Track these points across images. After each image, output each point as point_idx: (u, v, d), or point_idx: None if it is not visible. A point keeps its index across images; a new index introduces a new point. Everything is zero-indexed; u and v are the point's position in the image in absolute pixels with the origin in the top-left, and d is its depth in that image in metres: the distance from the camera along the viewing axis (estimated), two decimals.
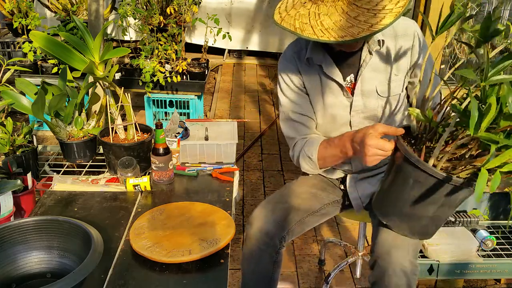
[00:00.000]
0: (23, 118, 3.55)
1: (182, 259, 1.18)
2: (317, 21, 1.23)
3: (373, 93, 1.46)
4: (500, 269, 1.92)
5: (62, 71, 1.62)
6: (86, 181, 1.61)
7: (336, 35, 1.19)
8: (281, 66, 1.54)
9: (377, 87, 1.46)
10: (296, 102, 1.53)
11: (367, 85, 1.46)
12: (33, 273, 1.16)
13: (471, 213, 2.22)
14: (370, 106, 1.48)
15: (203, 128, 1.86)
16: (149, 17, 3.59)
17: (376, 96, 1.46)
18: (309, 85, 1.51)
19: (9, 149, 1.56)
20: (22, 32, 3.48)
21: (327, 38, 1.20)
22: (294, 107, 1.53)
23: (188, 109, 3.50)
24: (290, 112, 1.54)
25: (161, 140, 1.54)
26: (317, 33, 1.21)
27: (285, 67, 1.52)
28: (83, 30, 1.54)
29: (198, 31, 5.00)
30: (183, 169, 1.69)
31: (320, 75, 1.48)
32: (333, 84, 1.47)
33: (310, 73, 1.49)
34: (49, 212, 1.40)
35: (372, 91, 1.46)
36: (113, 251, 1.24)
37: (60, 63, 3.06)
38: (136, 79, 3.30)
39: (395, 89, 1.46)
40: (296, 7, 1.30)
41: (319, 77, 1.49)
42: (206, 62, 3.67)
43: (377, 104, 1.47)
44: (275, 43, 5.32)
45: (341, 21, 1.21)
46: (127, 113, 1.63)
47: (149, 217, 1.36)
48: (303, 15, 1.26)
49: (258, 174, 3.10)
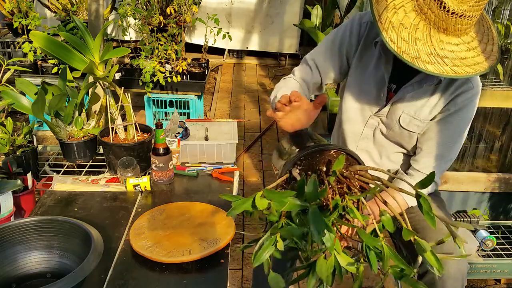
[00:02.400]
0: (23, 118, 3.55)
1: (182, 259, 1.18)
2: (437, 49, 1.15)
3: (398, 114, 1.42)
4: (500, 269, 1.92)
5: (62, 71, 1.62)
6: (86, 181, 1.61)
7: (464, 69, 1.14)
8: (348, 24, 1.43)
9: (404, 112, 1.41)
10: (325, 59, 1.47)
11: (399, 104, 1.41)
12: (33, 273, 1.16)
13: (471, 213, 2.22)
14: (389, 123, 1.44)
15: (203, 128, 1.86)
16: (149, 17, 3.59)
17: (397, 120, 1.43)
18: (359, 62, 1.44)
19: (9, 149, 1.56)
20: (22, 32, 3.48)
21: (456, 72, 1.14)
22: (320, 57, 1.47)
23: (188, 109, 3.50)
24: (314, 57, 1.48)
25: (161, 140, 1.54)
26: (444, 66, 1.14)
27: (352, 26, 1.43)
28: (83, 30, 1.54)
29: (198, 31, 5.01)
30: (183, 169, 1.69)
31: (376, 61, 1.41)
32: (379, 78, 1.42)
33: (368, 51, 1.42)
34: (49, 212, 1.40)
35: (398, 114, 1.42)
36: (113, 251, 1.24)
37: (60, 63, 3.06)
38: (136, 79, 3.30)
39: (414, 126, 1.42)
40: (406, 26, 1.16)
41: (374, 61, 1.42)
42: (206, 62, 3.67)
43: (397, 126, 1.43)
44: (275, 43, 5.32)
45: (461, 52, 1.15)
46: (127, 113, 1.62)
47: (149, 217, 1.36)
48: (424, 42, 1.15)
49: (258, 174, 3.10)
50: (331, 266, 0.84)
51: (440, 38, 1.14)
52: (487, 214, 2.35)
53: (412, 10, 1.16)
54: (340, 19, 3.89)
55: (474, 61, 1.15)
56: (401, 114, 1.41)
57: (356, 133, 1.51)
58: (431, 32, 1.14)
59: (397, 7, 1.17)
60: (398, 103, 1.40)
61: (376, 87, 1.43)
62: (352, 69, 1.46)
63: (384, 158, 1.53)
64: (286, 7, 5.12)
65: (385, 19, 1.16)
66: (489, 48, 1.20)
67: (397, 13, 1.16)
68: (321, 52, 1.47)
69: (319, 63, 1.47)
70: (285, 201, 0.86)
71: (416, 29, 1.15)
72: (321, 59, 1.47)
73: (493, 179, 2.28)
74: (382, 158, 1.53)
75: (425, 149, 1.43)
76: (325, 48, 1.47)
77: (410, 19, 1.15)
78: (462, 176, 2.27)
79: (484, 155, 2.40)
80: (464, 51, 1.15)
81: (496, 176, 2.28)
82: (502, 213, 2.37)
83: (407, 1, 1.17)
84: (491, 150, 2.40)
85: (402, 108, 1.40)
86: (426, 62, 1.12)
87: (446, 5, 1.08)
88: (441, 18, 1.11)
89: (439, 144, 1.41)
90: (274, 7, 5.13)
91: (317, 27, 3.63)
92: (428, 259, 0.83)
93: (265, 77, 5.03)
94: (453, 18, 1.10)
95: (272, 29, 5.23)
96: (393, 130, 1.45)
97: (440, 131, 1.40)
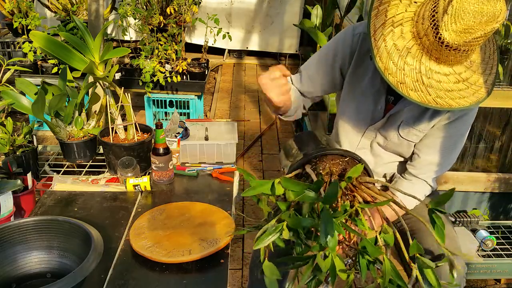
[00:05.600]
0: (23, 118, 3.55)
1: (182, 259, 1.18)
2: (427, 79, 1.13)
3: (396, 125, 1.41)
4: (500, 269, 1.92)
5: (62, 71, 1.62)
6: (86, 181, 1.61)
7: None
8: (341, 36, 1.41)
9: (403, 122, 1.39)
10: (317, 71, 1.45)
11: (398, 115, 1.39)
12: (33, 273, 1.16)
13: (471, 213, 2.22)
14: (388, 134, 1.43)
15: (203, 128, 1.86)
16: (149, 17, 3.59)
17: (395, 131, 1.41)
18: (353, 75, 1.41)
19: (9, 149, 1.56)
20: (22, 32, 3.48)
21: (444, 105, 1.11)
22: (312, 69, 1.46)
23: (188, 109, 3.50)
24: (306, 69, 1.47)
25: (161, 140, 1.54)
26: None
27: (345, 38, 1.40)
28: (83, 30, 1.54)
29: (198, 31, 5.00)
30: (183, 169, 1.69)
31: (372, 74, 1.38)
32: (376, 90, 1.39)
33: (363, 62, 1.39)
34: (49, 212, 1.40)
35: (397, 124, 1.40)
36: (113, 251, 1.24)
37: (60, 63, 3.06)
38: (136, 79, 3.30)
39: (413, 136, 1.41)
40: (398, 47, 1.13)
41: (370, 73, 1.39)
42: (206, 62, 3.67)
43: (396, 137, 1.42)
44: (275, 43, 5.32)
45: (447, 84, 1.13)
46: (127, 113, 1.62)
47: (149, 217, 1.36)
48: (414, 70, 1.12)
49: (258, 174, 3.10)
50: (327, 267, 0.85)
51: (430, 67, 1.11)
52: (487, 214, 2.35)
53: (409, 31, 1.12)
54: (340, 19, 3.89)
55: (459, 95, 1.12)
56: (399, 124, 1.39)
57: (353, 144, 1.50)
58: (422, 58, 1.11)
59: (395, 25, 1.13)
60: (396, 114, 1.39)
61: (373, 100, 1.40)
62: (346, 82, 1.44)
63: (380, 167, 1.52)
64: (286, 7, 5.12)
65: (379, 35, 1.13)
66: (483, 79, 1.16)
67: (393, 32, 1.13)
68: (313, 64, 1.46)
69: (311, 75, 1.46)
70: (301, 191, 0.87)
71: (408, 53, 1.11)
72: (313, 71, 1.46)
73: (493, 179, 2.28)
74: (379, 167, 1.52)
75: (422, 155, 1.42)
76: (317, 60, 1.46)
77: (404, 40, 1.12)
78: (462, 176, 2.27)
79: (484, 155, 2.40)
80: (452, 83, 1.12)
81: (496, 176, 2.28)
82: (502, 213, 2.37)
83: (407, 19, 1.13)
84: (491, 150, 2.40)
85: (400, 118, 1.39)
86: (410, 89, 1.10)
87: (442, 36, 1.05)
88: (435, 47, 1.08)
89: (437, 151, 1.40)
90: (274, 7, 5.13)
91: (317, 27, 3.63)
92: (429, 278, 0.84)
93: None
94: (446, 50, 1.07)
95: (272, 29, 5.23)
96: (392, 140, 1.43)
97: (439, 139, 1.39)
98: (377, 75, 1.36)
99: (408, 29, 1.12)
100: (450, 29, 1.04)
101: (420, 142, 1.43)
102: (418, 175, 1.43)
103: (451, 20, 1.03)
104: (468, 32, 1.04)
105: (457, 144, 1.41)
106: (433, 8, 1.07)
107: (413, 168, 1.45)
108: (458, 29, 1.03)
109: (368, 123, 1.44)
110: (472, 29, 1.03)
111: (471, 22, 1.03)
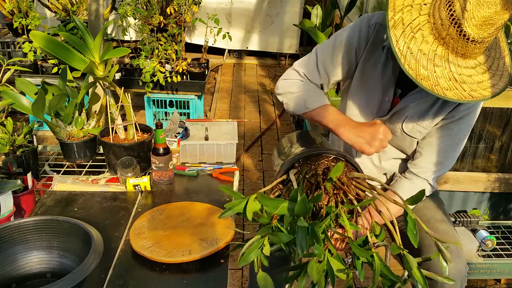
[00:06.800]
0: (23, 118, 3.55)
1: (182, 259, 1.18)
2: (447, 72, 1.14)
3: (401, 120, 1.41)
4: (500, 269, 1.92)
5: (62, 71, 1.62)
6: (86, 181, 1.61)
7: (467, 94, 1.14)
8: (357, 26, 1.39)
9: (408, 117, 1.40)
10: (334, 63, 1.43)
11: (403, 110, 1.40)
12: (33, 273, 1.16)
13: (471, 213, 2.22)
14: (393, 128, 1.43)
15: (203, 128, 1.86)
16: (149, 17, 3.59)
17: (400, 126, 1.42)
18: (365, 64, 1.41)
19: (9, 149, 1.56)
20: (22, 32, 3.47)
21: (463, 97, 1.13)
22: (328, 61, 1.43)
23: (188, 109, 3.50)
24: (322, 61, 1.44)
25: (161, 140, 1.54)
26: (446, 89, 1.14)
27: (361, 28, 1.39)
28: (83, 30, 1.54)
29: (198, 31, 5.01)
30: (183, 169, 1.69)
31: (382, 65, 1.39)
32: (385, 82, 1.40)
33: (374, 53, 1.39)
34: (49, 212, 1.40)
35: (402, 119, 1.41)
36: (113, 251, 1.24)
37: (60, 63, 3.06)
38: (136, 79, 3.30)
39: (416, 133, 1.42)
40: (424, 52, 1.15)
41: (381, 65, 1.39)
42: (206, 62, 3.67)
43: (399, 131, 1.43)
44: (275, 43, 5.32)
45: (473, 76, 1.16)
46: (127, 113, 1.62)
47: (149, 217, 1.36)
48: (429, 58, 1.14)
49: (258, 174, 3.10)
50: (323, 269, 0.85)
51: (458, 63, 1.14)
52: (487, 214, 2.35)
53: (429, 34, 1.14)
54: (340, 19, 3.89)
55: (490, 84, 1.16)
56: (404, 119, 1.40)
57: None
58: (449, 57, 1.14)
59: (414, 30, 1.15)
60: (402, 108, 1.40)
61: (382, 91, 1.41)
62: (357, 71, 1.44)
63: (384, 162, 1.53)
64: (286, 7, 5.12)
65: (403, 44, 1.14)
66: (501, 63, 1.20)
67: (415, 38, 1.14)
68: (329, 56, 1.44)
69: (328, 68, 1.44)
70: (277, 206, 0.88)
71: (435, 55, 1.14)
72: (329, 63, 1.44)
73: (493, 179, 2.28)
74: (382, 162, 1.53)
75: (425, 154, 1.42)
76: (332, 51, 1.43)
77: (428, 44, 1.14)
78: (462, 176, 2.27)
79: (484, 155, 2.40)
80: (480, 74, 1.15)
81: (496, 176, 2.28)
82: (502, 213, 2.37)
83: (424, 22, 1.15)
84: (491, 150, 2.40)
85: (405, 113, 1.40)
86: (445, 89, 1.12)
87: (467, 33, 1.08)
88: (460, 44, 1.11)
89: (439, 150, 1.41)
90: (274, 7, 5.13)
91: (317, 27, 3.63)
92: (414, 275, 0.85)
93: (265, 77, 5.03)
94: (472, 45, 1.10)
95: (272, 29, 5.23)
96: (395, 135, 1.44)
97: (441, 137, 1.40)
98: (387, 67, 1.38)
99: (428, 32, 1.15)
100: (472, 25, 1.07)
101: (422, 141, 1.43)
102: (419, 174, 1.44)
103: (471, 15, 1.06)
104: (489, 23, 1.07)
105: (459, 143, 1.41)
106: (448, 8, 1.09)
107: (414, 167, 1.45)
108: (479, 23, 1.06)
109: (375, 114, 1.45)
110: (492, 20, 1.06)
111: (489, 13, 1.05)
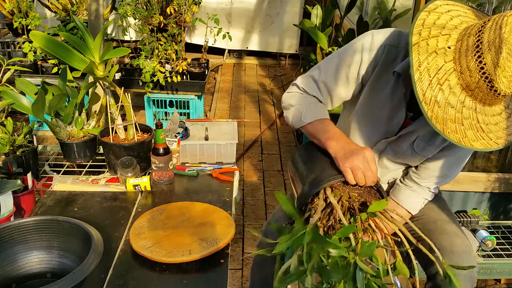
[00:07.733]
0: (23, 118, 3.55)
1: (182, 259, 1.18)
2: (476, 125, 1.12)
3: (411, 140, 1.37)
4: (500, 269, 1.92)
5: (62, 71, 1.62)
6: (86, 181, 1.61)
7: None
8: (366, 48, 1.31)
9: (418, 137, 1.36)
10: (337, 83, 1.35)
11: (412, 133, 1.36)
12: (33, 273, 1.16)
13: (471, 213, 2.22)
14: (400, 149, 1.39)
15: (203, 128, 1.86)
16: (149, 17, 3.59)
17: (409, 146, 1.38)
18: (374, 84, 1.34)
19: (9, 149, 1.56)
20: (22, 32, 3.48)
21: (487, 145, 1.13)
22: (331, 81, 1.36)
23: (188, 109, 3.50)
24: (325, 81, 1.36)
25: (161, 140, 1.54)
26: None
27: (369, 52, 1.30)
28: (83, 30, 1.54)
29: (198, 31, 5.01)
30: (183, 169, 1.69)
31: (391, 88, 1.32)
32: (395, 105, 1.34)
33: (384, 75, 1.32)
34: (49, 212, 1.40)
35: (411, 139, 1.37)
36: (113, 251, 1.24)
37: (60, 63, 3.06)
38: (136, 79, 3.30)
39: (428, 152, 1.38)
40: (452, 105, 1.10)
41: (390, 87, 1.33)
42: (206, 62, 3.67)
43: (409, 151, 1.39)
44: (275, 43, 5.32)
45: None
46: (127, 113, 1.62)
47: (149, 217, 1.36)
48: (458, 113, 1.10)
49: (258, 174, 3.10)
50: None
51: (485, 112, 1.11)
52: (487, 214, 2.35)
53: (456, 84, 1.09)
54: (340, 19, 3.89)
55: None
56: (415, 140, 1.36)
57: None
58: (477, 107, 1.11)
59: (441, 82, 1.09)
60: (410, 132, 1.35)
61: (389, 113, 1.35)
62: (365, 91, 1.37)
63: (385, 175, 1.51)
64: (286, 7, 5.12)
65: (429, 97, 1.08)
66: None
67: (442, 90, 1.09)
68: (333, 76, 1.36)
69: (330, 88, 1.36)
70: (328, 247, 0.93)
71: (463, 107, 1.10)
72: (332, 83, 1.36)
73: (493, 179, 2.28)
74: (383, 176, 1.50)
75: (430, 166, 1.41)
76: (336, 71, 1.35)
77: (456, 96, 1.09)
78: (462, 176, 2.27)
79: (484, 155, 2.40)
80: (505, 120, 1.14)
81: (496, 176, 2.28)
82: (502, 213, 2.37)
83: (450, 71, 1.09)
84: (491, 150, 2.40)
85: (416, 134, 1.35)
86: (472, 140, 1.10)
87: (498, 89, 1.04)
88: (490, 97, 1.08)
89: (445, 164, 1.40)
90: (274, 7, 5.13)
91: (317, 27, 3.63)
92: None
93: (265, 77, 5.03)
94: (500, 96, 1.08)
95: (272, 29, 5.23)
96: (404, 154, 1.40)
97: (448, 154, 1.39)
98: (396, 91, 1.31)
99: (455, 82, 1.09)
100: (504, 80, 1.03)
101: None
102: (420, 183, 1.43)
103: (502, 69, 1.02)
104: None
105: (465, 157, 1.42)
106: (478, 58, 1.04)
107: (417, 176, 1.44)
108: (509, 75, 1.03)
109: (381, 136, 1.40)
110: None
111: None
